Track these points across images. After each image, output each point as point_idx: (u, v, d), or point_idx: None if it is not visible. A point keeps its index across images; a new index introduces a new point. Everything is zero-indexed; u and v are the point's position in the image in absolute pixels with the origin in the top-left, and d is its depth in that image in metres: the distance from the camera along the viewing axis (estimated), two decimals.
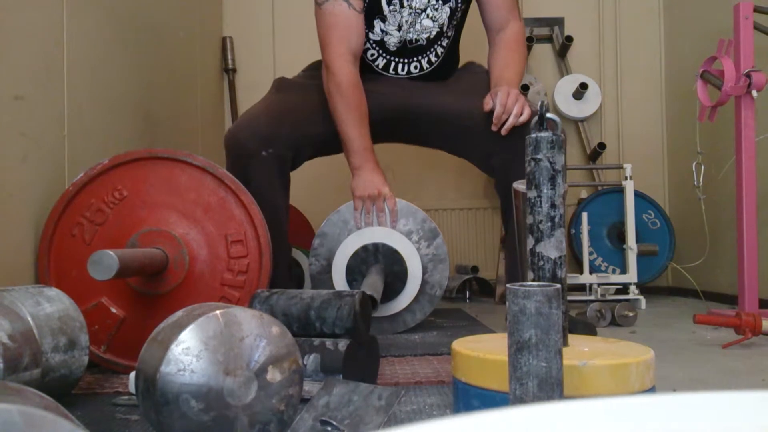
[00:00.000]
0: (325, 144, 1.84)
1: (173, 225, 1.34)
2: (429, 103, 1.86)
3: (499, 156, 1.79)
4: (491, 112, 1.72)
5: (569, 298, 1.86)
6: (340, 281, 1.76)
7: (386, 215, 1.76)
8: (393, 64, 1.86)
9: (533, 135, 0.84)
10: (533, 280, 0.84)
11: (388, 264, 1.75)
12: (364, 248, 1.76)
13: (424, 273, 1.78)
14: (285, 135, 1.74)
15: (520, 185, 1.09)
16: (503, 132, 1.69)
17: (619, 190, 2.71)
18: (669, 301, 2.81)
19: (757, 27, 2.00)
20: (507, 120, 1.68)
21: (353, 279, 1.74)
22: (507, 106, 1.67)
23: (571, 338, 0.92)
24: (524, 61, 1.87)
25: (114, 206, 1.36)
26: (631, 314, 2.03)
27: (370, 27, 1.81)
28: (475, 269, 2.90)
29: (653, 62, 3.14)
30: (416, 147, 2.12)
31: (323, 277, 1.82)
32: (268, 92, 1.91)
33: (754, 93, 1.93)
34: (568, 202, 2.88)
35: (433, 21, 1.82)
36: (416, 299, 1.80)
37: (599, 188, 2.93)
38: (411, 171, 3.04)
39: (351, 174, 1.76)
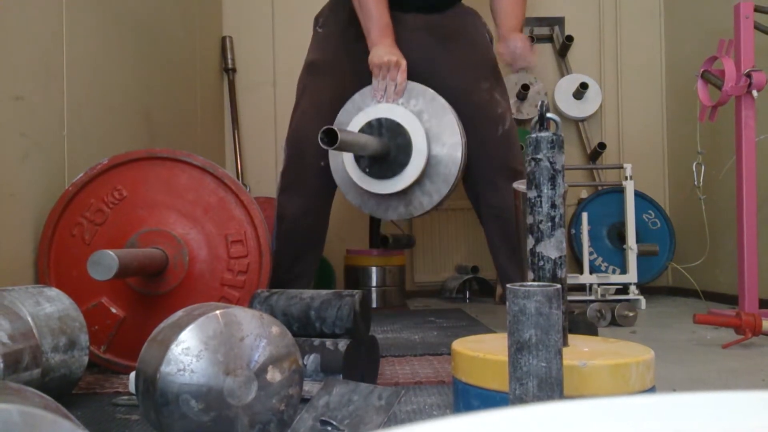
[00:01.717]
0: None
1: (173, 225, 1.34)
2: (435, 78, 1.87)
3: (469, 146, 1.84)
4: (477, 109, 1.80)
5: (569, 298, 1.86)
6: (348, 161, 1.73)
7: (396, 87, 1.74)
8: None
9: (533, 135, 0.84)
10: (533, 280, 0.84)
11: (391, 137, 1.72)
12: (369, 124, 1.73)
13: (433, 153, 1.73)
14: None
15: (520, 185, 1.08)
16: (514, 69, 1.89)
17: (620, 190, 2.71)
18: (669, 301, 2.80)
19: (757, 27, 2.00)
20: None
21: (360, 157, 1.71)
22: (524, 50, 1.83)
23: (571, 338, 0.92)
24: (525, 3, 1.92)
25: (114, 206, 1.36)
26: (631, 314, 2.03)
27: None
28: (475, 269, 2.90)
29: (654, 62, 3.14)
30: None
31: (341, 168, 1.79)
32: (301, 76, 1.93)
33: (755, 93, 1.93)
34: (568, 202, 2.88)
35: None
36: (430, 179, 1.75)
37: (599, 188, 2.93)
38: None
39: (370, 48, 1.76)
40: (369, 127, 1.73)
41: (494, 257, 1.90)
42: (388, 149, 1.71)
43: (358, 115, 1.75)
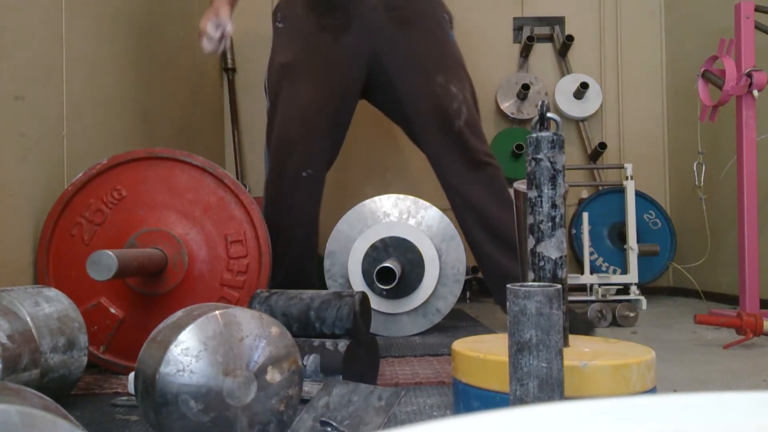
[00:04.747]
0: (342, 136, 1.94)
1: (172, 225, 1.33)
2: (388, 72, 1.88)
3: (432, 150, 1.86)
4: (442, 105, 1.80)
5: (570, 298, 1.86)
6: (360, 288, 1.75)
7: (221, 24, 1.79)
8: None
9: (534, 134, 0.84)
10: (534, 281, 0.84)
11: (400, 253, 1.75)
12: (373, 247, 1.76)
13: (439, 255, 1.77)
14: (317, 150, 1.82)
15: (520, 185, 1.08)
16: None
17: (620, 190, 2.71)
18: (670, 301, 2.80)
19: (758, 26, 2.00)
20: None
21: (372, 282, 1.72)
22: None
23: (572, 338, 0.92)
24: None
25: (113, 206, 1.36)
26: (632, 314, 2.02)
27: None
28: (475, 269, 2.89)
29: (654, 62, 3.14)
30: (414, 147, 2.12)
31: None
32: (273, 79, 1.91)
33: (755, 93, 1.93)
34: (568, 202, 2.88)
35: None
36: (442, 283, 1.78)
37: (600, 188, 2.93)
38: (411, 171, 3.03)
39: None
40: (374, 250, 1.76)
41: (477, 252, 1.87)
42: (402, 266, 1.72)
43: (357, 242, 1.78)
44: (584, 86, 2.94)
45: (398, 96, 1.87)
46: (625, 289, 2.52)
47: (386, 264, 1.65)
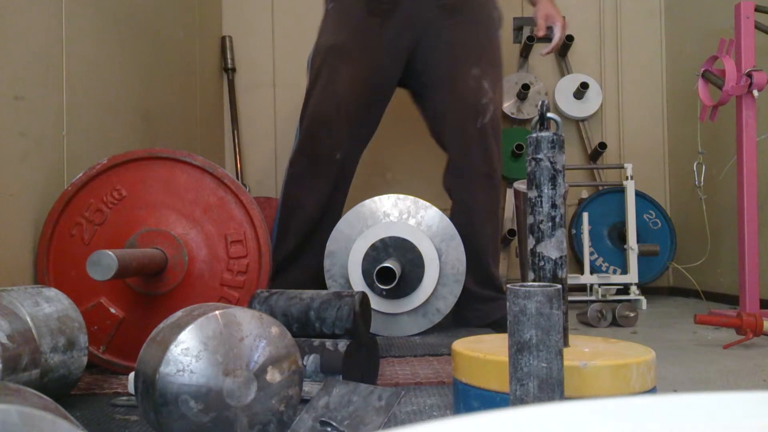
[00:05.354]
0: (375, 125, 1.94)
1: (172, 225, 1.33)
2: (427, 59, 1.86)
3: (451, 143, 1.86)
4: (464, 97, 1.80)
5: (570, 298, 1.86)
6: (360, 288, 1.76)
7: None
8: None
9: (534, 134, 0.84)
10: (534, 281, 0.84)
11: (400, 253, 1.75)
12: (373, 247, 1.76)
13: (439, 255, 1.77)
14: (349, 135, 1.82)
15: (520, 185, 1.08)
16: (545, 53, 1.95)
17: (620, 190, 2.71)
18: (670, 301, 2.80)
19: (758, 26, 2.00)
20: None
21: (372, 282, 1.73)
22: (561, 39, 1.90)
23: (572, 338, 0.92)
24: None
25: (113, 206, 1.36)
26: (632, 315, 2.02)
27: None
28: None
29: (654, 61, 3.14)
30: (414, 147, 2.12)
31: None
32: (318, 58, 1.88)
33: (756, 93, 1.93)
34: (568, 202, 2.88)
35: None
36: (442, 283, 1.79)
37: (600, 188, 2.93)
38: (411, 171, 3.03)
39: None
40: (374, 250, 1.76)
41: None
42: (402, 266, 1.73)
43: (357, 242, 1.78)
44: (584, 86, 2.94)
45: (430, 83, 1.85)
46: (625, 289, 2.52)
47: (386, 264, 1.65)
